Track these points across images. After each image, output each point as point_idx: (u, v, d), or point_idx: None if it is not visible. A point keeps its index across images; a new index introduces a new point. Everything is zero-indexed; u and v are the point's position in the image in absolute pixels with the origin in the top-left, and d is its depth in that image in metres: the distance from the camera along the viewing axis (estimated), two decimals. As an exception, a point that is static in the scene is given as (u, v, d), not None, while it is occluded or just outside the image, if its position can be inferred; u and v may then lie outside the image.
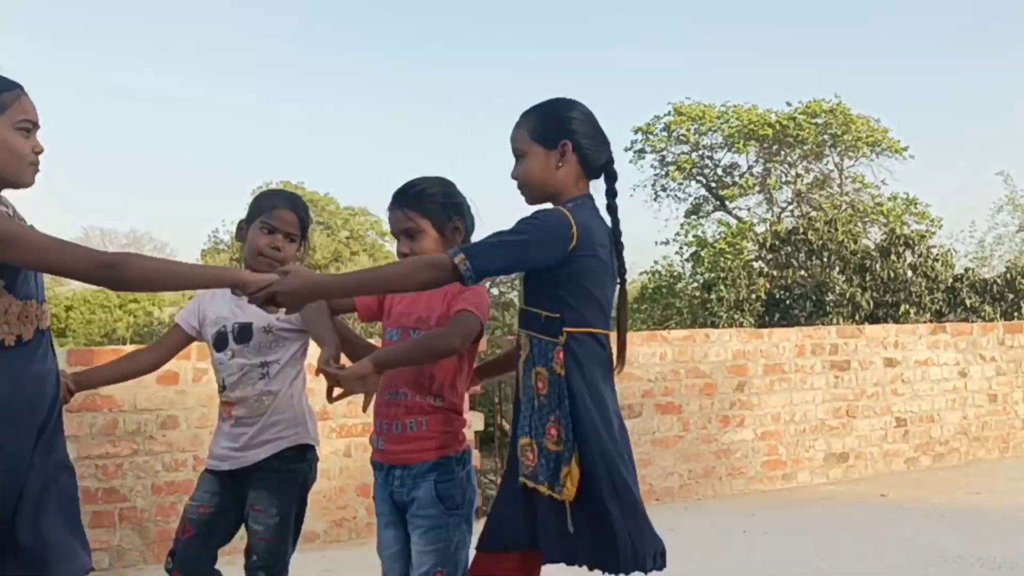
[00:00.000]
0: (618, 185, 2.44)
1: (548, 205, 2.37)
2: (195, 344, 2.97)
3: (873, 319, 12.62)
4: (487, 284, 2.89)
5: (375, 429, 2.54)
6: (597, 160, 2.40)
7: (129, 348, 4.77)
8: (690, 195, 24.63)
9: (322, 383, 2.38)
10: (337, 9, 48.58)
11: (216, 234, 30.10)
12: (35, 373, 2.07)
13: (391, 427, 2.48)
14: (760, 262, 15.89)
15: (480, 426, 5.80)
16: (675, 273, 21.34)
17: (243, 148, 55.60)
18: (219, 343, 2.78)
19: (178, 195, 56.49)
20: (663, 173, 24.27)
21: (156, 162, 55.53)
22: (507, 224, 2.23)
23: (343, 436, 5.31)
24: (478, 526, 2.40)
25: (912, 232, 15.44)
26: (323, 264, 24.78)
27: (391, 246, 31.51)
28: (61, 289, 33.31)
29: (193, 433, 4.87)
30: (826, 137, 22.51)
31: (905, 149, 22.67)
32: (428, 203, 2.55)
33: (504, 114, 51.72)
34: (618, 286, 2.39)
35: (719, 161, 24.04)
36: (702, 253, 21.52)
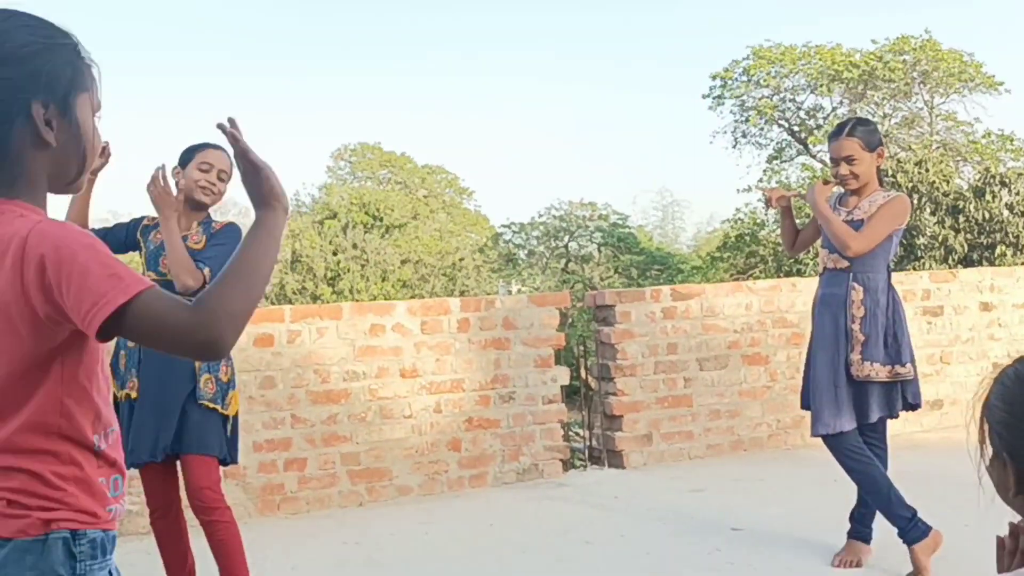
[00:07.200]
0: None
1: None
2: (287, 306, 3.06)
3: (967, 262, 12.22)
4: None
5: None
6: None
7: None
8: (772, 140, 24.08)
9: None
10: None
11: (297, 196, 30.51)
12: None
13: None
14: (846, 207, 15.48)
15: (566, 380, 5.86)
16: (758, 220, 20.95)
17: (320, 109, 56.34)
18: None
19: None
20: (743, 119, 23.73)
21: (240, 121, 56.61)
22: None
23: (433, 393, 5.43)
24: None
25: (1008, 170, 14.82)
26: (401, 223, 24.83)
27: (468, 203, 31.56)
28: None
29: (290, 392, 5.04)
30: (915, 75, 21.67)
31: (1000, 83, 21.69)
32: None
33: (569, 66, 51.07)
34: None
35: (801, 104, 23.39)
36: (785, 199, 21.06)
